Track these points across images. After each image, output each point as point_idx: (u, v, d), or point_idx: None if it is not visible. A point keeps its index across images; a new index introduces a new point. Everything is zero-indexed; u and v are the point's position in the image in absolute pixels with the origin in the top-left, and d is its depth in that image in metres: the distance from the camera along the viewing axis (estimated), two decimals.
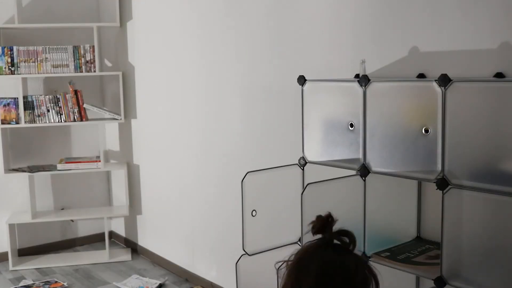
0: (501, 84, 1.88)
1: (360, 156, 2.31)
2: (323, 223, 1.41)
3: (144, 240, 4.82)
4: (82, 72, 4.55)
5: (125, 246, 5.08)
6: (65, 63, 4.52)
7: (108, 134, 5.14)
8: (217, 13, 3.65)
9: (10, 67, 4.42)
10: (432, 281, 2.01)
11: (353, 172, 2.39)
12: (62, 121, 4.57)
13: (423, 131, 2.07)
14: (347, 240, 1.39)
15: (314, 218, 1.42)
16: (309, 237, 1.43)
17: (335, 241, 1.40)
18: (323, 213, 1.43)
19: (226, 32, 3.60)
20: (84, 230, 5.15)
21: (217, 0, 3.63)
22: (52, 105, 4.53)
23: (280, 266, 1.45)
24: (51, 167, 4.66)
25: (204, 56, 3.82)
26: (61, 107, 4.55)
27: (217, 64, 3.71)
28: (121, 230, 5.17)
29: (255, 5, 3.34)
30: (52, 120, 4.55)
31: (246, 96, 3.49)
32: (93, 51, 4.54)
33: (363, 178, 2.30)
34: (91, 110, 4.67)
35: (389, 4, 2.59)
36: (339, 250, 1.39)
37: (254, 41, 3.38)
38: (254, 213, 2.57)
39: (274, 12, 3.21)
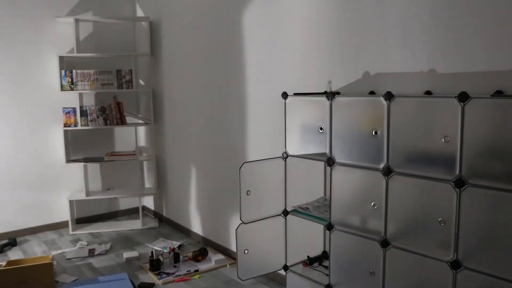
0: (430, 99, 1.88)
1: (327, 151, 2.31)
2: None
3: (168, 212, 4.81)
4: (123, 89, 4.53)
5: (154, 217, 5.06)
6: (111, 82, 4.50)
7: (142, 134, 5.12)
8: (221, 46, 3.64)
9: (70, 85, 4.40)
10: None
11: (322, 160, 2.37)
12: (108, 125, 4.54)
13: (373, 133, 2.07)
14: None
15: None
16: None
17: None
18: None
19: (228, 59, 3.58)
20: (124, 204, 5.13)
21: (221, 36, 3.62)
22: (100, 113, 4.51)
23: None
24: (100, 159, 4.63)
25: (212, 77, 3.80)
26: (107, 114, 4.52)
27: (222, 83, 3.69)
28: (150, 205, 5.15)
29: (249, 41, 3.33)
30: (101, 124, 4.53)
31: (244, 107, 3.48)
32: (131, 73, 4.52)
33: (330, 166, 2.29)
34: (129, 117, 4.65)
35: (349, 40, 2.59)
36: None
37: (250, 65, 3.37)
38: (248, 193, 2.56)
39: (264, 45, 3.20)
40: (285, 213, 2.67)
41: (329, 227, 2.34)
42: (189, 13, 4.05)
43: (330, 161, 2.29)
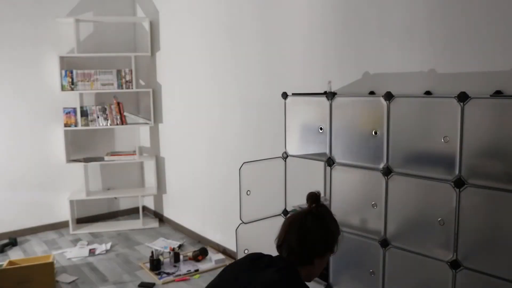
0: (430, 99, 1.88)
1: (327, 151, 2.31)
2: (315, 197, 1.56)
3: (168, 212, 4.81)
4: (123, 89, 4.52)
5: (154, 217, 5.06)
6: (111, 82, 4.50)
7: (142, 134, 5.12)
8: (222, 46, 3.64)
9: (71, 85, 4.40)
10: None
11: (322, 160, 2.36)
12: (108, 125, 4.54)
13: (373, 133, 2.06)
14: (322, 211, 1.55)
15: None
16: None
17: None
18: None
19: (228, 60, 3.58)
20: (124, 204, 5.13)
21: (221, 36, 3.62)
22: (101, 113, 4.51)
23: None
24: (100, 159, 4.63)
25: (213, 77, 3.80)
26: (107, 114, 4.52)
27: (222, 83, 3.69)
28: (151, 205, 5.15)
29: (250, 41, 3.33)
30: (101, 124, 4.53)
31: (244, 107, 3.48)
32: (131, 73, 4.52)
33: (330, 166, 2.29)
34: (129, 117, 4.66)
35: (348, 40, 2.59)
36: (315, 217, 1.53)
37: (250, 66, 3.37)
38: (248, 192, 2.56)
39: (264, 46, 3.20)
40: (285, 213, 2.67)
41: None
42: (189, 13, 4.05)
43: (330, 161, 2.28)
